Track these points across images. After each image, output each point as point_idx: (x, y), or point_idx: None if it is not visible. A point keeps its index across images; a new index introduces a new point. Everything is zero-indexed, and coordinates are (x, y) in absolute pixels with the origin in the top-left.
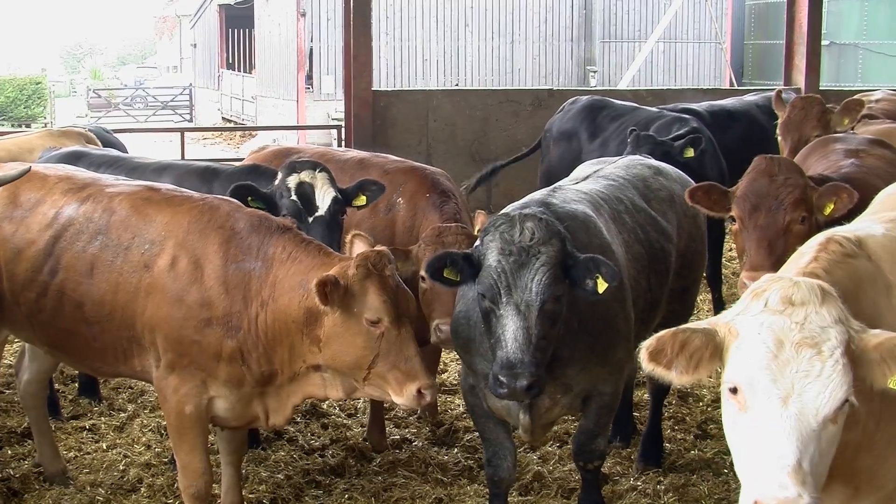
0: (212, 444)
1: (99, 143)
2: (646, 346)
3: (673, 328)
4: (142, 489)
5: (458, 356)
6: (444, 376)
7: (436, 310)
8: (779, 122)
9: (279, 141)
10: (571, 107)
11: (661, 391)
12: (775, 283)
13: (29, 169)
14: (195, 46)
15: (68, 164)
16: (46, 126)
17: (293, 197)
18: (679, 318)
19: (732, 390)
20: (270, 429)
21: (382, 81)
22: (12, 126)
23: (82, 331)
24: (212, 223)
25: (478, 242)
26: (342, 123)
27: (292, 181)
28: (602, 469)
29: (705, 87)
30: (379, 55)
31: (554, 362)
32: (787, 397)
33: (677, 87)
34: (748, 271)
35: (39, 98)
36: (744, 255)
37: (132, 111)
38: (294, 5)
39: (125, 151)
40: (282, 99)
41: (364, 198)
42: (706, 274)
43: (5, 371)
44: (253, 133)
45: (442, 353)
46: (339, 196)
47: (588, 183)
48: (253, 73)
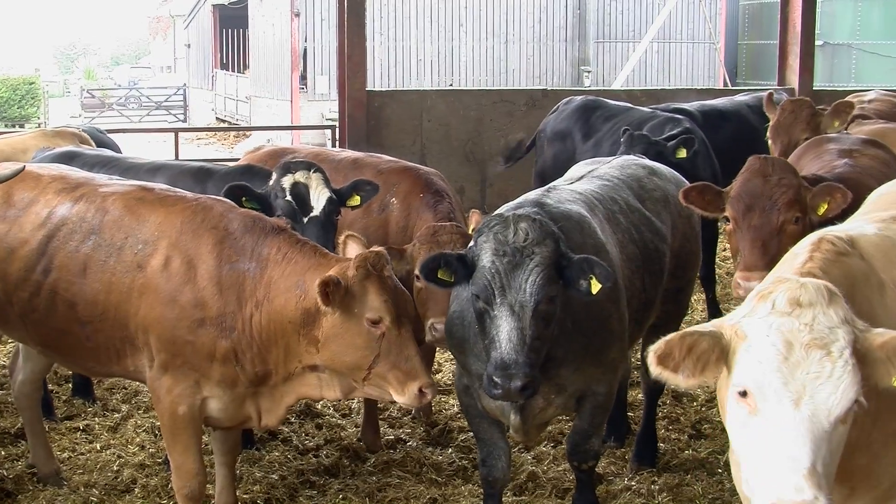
0: (206, 445)
1: (93, 144)
2: (654, 350)
3: (680, 331)
4: (136, 490)
5: (453, 356)
6: (439, 376)
7: (430, 309)
8: (769, 126)
9: (273, 141)
10: (566, 107)
11: (656, 391)
12: (782, 285)
13: (23, 168)
14: (189, 46)
15: (62, 164)
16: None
17: (288, 197)
18: (673, 319)
19: (742, 394)
20: (263, 429)
21: (377, 82)
22: (6, 126)
23: (75, 330)
24: (205, 223)
25: (472, 243)
26: (336, 124)
27: (287, 181)
28: (596, 469)
29: (699, 88)
30: (373, 55)
31: (548, 363)
32: (800, 399)
33: (671, 88)
34: (742, 271)
35: (33, 98)
36: (738, 256)
37: (126, 111)
38: (288, 5)
39: (119, 152)
40: (276, 99)
41: (358, 198)
42: (700, 274)
43: None
44: (247, 133)
45: (436, 353)
46: (334, 196)
47: (582, 183)
48: (247, 74)
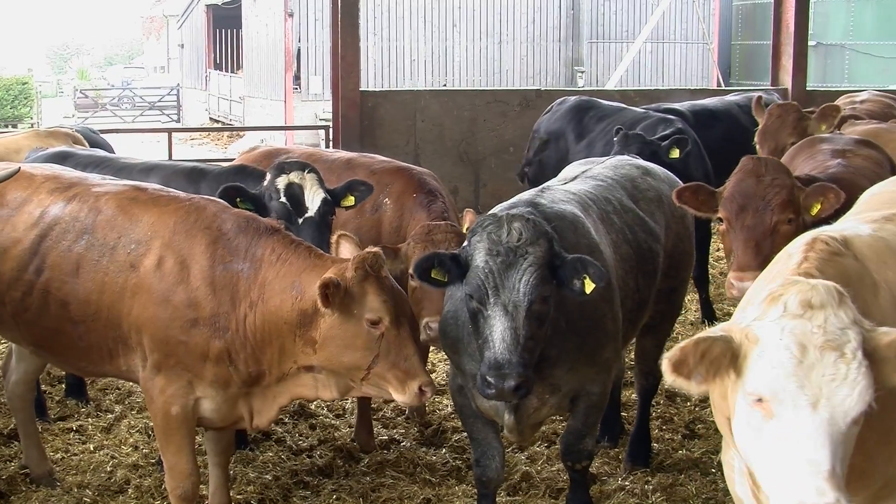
0: (199, 445)
1: (86, 144)
2: (669, 358)
3: (693, 337)
4: (129, 490)
5: (447, 356)
6: (433, 376)
7: (425, 308)
8: (757, 130)
9: (267, 141)
10: (559, 107)
11: (649, 391)
12: (792, 287)
13: (18, 170)
14: (182, 47)
15: (55, 164)
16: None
17: (282, 199)
18: (667, 319)
19: (756, 399)
20: (254, 430)
21: (370, 82)
22: None
23: (67, 330)
24: (198, 224)
25: (466, 243)
26: (330, 124)
27: (281, 182)
28: (590, 469)
29: (693, 88)
30: (367, 55)
31: (542, 362)
32: (817, 402)
33: (665, 88)
34: (735, 272)
35: (26, 98)
36: (731, 256)
37: (119, 111)
38: (282, 5)
39: (112, 152)
40: (269, 99)
41: (352, 198)
42: (693, 275)
43: None
44: (241, 133)
45: (431, 354)
46: (329, 197)
47: (576, 183)
48: (240, 74)
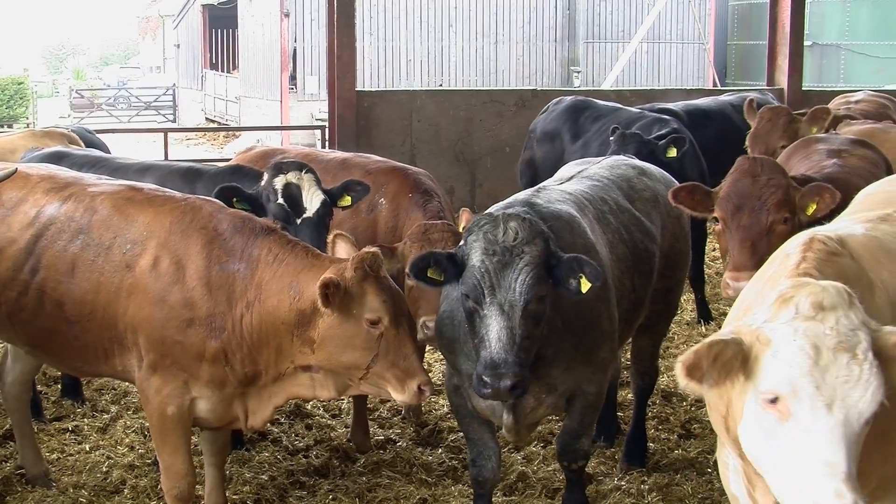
0: (195, 446)
1: (81, 144)
2: (683, 362)
3: (706, 341)
4: (125, 491)
5: (443, 356)
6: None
7: (422, 307)
8: (748, 134)
9: (263, 141)
10: (555, 107)
11: (645, 391)
12: (804, 289)
13: (15, 170)
14: (178, 47)
15: (51, 164)
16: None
17: (280, 200)
18: (663, 319)
19: (771, 400)
20: (249, 430)
21: (366, 82)
22: None
23: (63, 330)
24: (194, 223)
25: (462, 242)
26: (326, 124)
27: (279, 182)
28: (586, 469)
29: (689, 88)
30: (363, 55)
31: (538, 362)
32: (832, 404)
33: (661, 88)
34: (731, 272)
35: (22, 98)
36: (727, 256)
37: (115, 111)
38: (278, 5)
39: (108, 152)
40: (265, 99)
41: (349, 198)
42: (689, 275)
43: None
44: (237, 134)
45: (427, 354)
46: (328, 199)
47: (572, 183)
48: (236, 74)
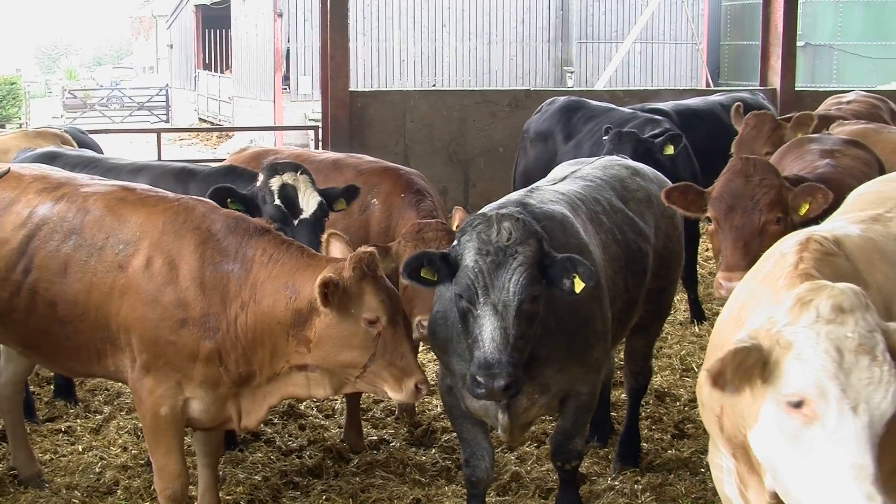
0: (188, 446)
1: (74, 144)
2: (709, 371)
3: (731, 349)
4: (118, 491)
5: (436, 356)
6: None
7: (417, 306)
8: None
9: (256, 142)
10: (549, 107)
11: (639, 391)
12: (823, 292)
13: (8, 171)
14: (171, 47)
15: (43, 165)
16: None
17: (277, 201)
18: (656, 319)
19: (796, 404)
20: (243, 430)
21: (360, 82)
22: None
23: (55, 330)
24: (187, 224)
25: (455, 242)
26: (319, 124)
27: (275, 184)
28: (579, 469)
29: (682, 88)
30: (356, 56)
31: (531, 362)
32: (857, 406)
33: (654, 88)
34: (724, 272)
35: (14, 99)
36: (720, 256)
37: (108, 112)
38: (271, 6)
39: (101, 152)
40: (259, 100)
41: (344, 201)
42: (682, 275)
43: None
44: (230, 134)
45: (420, 354)
46: (324, 201)
47: (566, 183)
48: (229, 74)
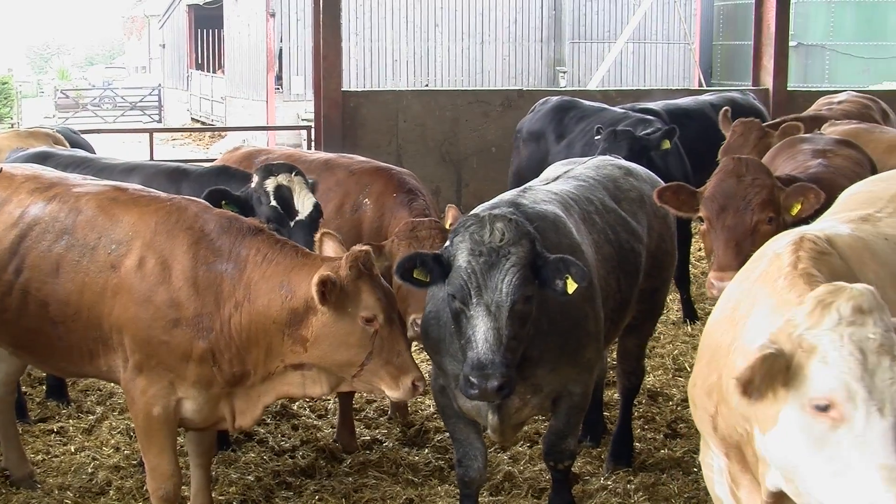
0: (181, 447)
1: (66, 144)
2: (738, 378)
3: (758, 355)
4: (110, 492)
5: (429, 356)
6: None
7: (411, 305)
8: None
9: (249, 142)
10: (542, 107)
11: (631, 391)
12: (842, 293)
13: (0, 170)
14: (164, 47)
15: (35, 165)
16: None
17: (273, 202)
18: (649, 319)
19: (824, 408)
20: (237, 430)
21: (352, 82)
22: None
23: (47, 330)
24: (180, 224)
25: (448, 243)
26: (312, 124)
27: (270, 185)
28: (572, 469)
29: (674, 88)
30: (349, 56)
31: (524, 362)
32: (883, 407)
33: (647, 88)
34: (716, 271)
35: (6, 98)
36: (712, 256)
37: (100, 112)
38: (263, 5)
39: (93, 152)
40: (251, 100)
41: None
42: (674, 275)
43: None
44: (222, 134)
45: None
46: (318, 203)
47: (558, 183)
48: (222, 74)
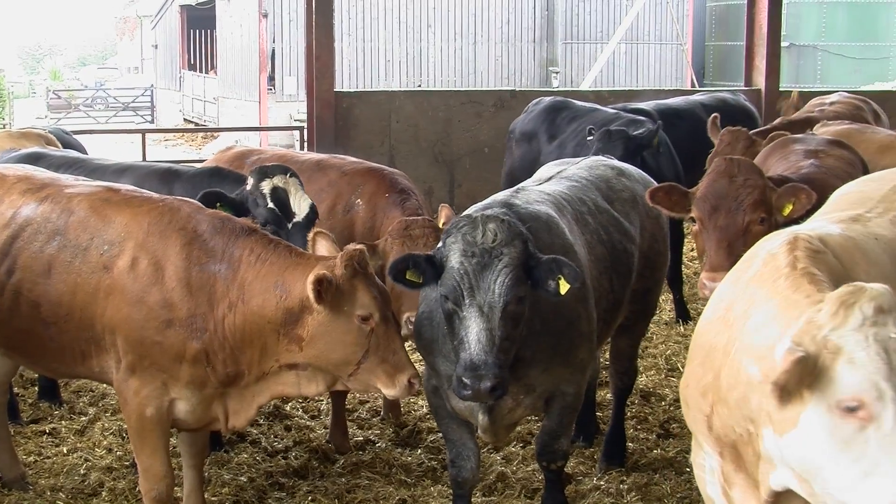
0: (173, 447)
1: (59, 145)
2: (776, 384)
3: (791, 358)
4: (103, 493)
5: (422, 357)
6: None
7: (405, 303)
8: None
9: (241, 142)
10: (534, 108)
11: (624, 391)
12: (863, 294)
13: None
14: (156, 47)
15: (27, 165)
16: (5, 127)
17: (270, 205)
18: (642, 319)
19: (851, 409)
20: (230, 431)
21: (345, 82)
22: None
23: (39, 331)
24: (172, 224)
25: (440, 244)
26: (304, 125)
27: (266, 187)
28: (565, 469)
29: (667, 88)
30: (341, 56)
31: (517, 363)
32: None
33: (639, 88)
34: (708, 272)
35: None
36: (704, 256)
37: (93, 112)
38: (256, 6)
39: (85, 153)
40: (244, 100)
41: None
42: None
43: None
44: (215, 134)
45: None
46: (314, 204)
47: (551, 184)
48: (214, 75)
